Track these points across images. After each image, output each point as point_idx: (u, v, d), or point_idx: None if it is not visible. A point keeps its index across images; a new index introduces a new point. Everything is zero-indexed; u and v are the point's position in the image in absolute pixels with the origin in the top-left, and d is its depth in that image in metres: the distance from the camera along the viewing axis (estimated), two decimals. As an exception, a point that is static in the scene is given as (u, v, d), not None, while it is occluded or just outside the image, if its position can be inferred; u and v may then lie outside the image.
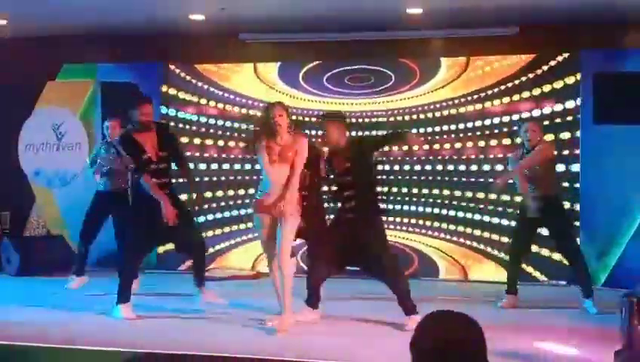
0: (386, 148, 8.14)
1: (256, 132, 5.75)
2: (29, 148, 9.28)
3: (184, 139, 9.11)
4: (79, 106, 9.25)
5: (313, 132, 8.27)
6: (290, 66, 9.05)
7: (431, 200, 8.58)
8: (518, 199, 7.68)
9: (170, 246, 7.02)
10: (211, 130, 9.14)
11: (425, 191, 8.62)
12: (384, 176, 8.68)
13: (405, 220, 8.67)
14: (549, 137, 7.79)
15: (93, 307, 6.37)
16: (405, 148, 8.55)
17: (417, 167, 8.67)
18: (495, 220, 8.35)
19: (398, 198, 8.66)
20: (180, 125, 9.13)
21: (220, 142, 9.11)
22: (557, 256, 7.92)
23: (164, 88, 9.17)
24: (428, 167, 8.63)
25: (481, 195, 8.37)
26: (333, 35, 8.78)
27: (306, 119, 8.76)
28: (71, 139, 9.14)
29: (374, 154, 6.21)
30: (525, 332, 5.52)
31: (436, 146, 8.59)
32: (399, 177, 8.70)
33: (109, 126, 7.58)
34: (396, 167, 8.72)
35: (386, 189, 8.51)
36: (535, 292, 7.32)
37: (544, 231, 6.89)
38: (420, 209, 8.61)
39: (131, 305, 5.98)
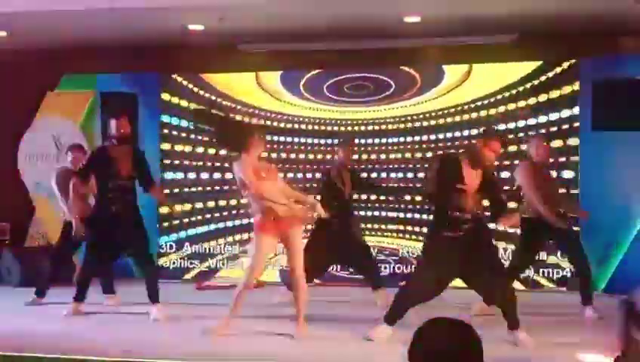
0: None
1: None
2: (29, 159, 9.30)
3: (179, 147, 9.19)
4: (79, 117, 9.28)
5: (320, 141, 8.37)
6: (292, 75, 9.10)
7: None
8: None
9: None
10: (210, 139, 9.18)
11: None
12: (388, 184, 8.74)
13: (409, 228, 8.71)
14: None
15: (92, 316, 6.42)
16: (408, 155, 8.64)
17: (410, 175, 8.73)
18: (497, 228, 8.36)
19: (402, 206, 8.71)
20: (183, 134, 9.20)
21: (223, 151, 9.15)
22: (555, 262, 7.99)
23: (164, 96, 9.23)
24: (421, 175, 8.68)
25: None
26: (332, 45, 8.81)
27: (309, 127, 8.86)
28: (71, 150, 9.14)
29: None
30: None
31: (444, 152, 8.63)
32: (401, 185, 8.74)
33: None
34: (400, 175, 8.77)
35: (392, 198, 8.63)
36: (535, 299, 7.33)
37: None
38: (423, 216, 8.62)
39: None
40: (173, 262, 9.17)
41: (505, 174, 8.32)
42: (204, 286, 8.45)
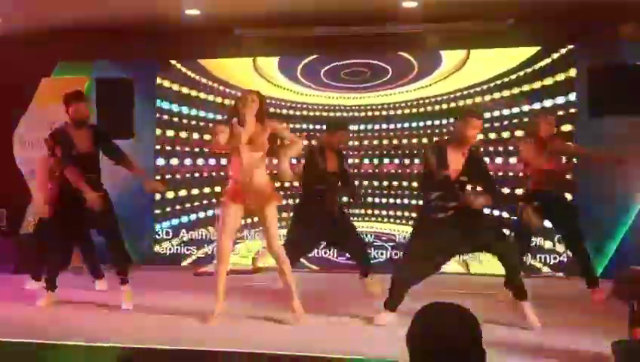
0: None
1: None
2: (24, 146, 9.25)
3: (178, 133, 9.17)
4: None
5: (316, 127, 8.37)
6: (289, 60, 9.06)
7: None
8: (518, 192, 7.70)
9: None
10: (208, 125, 9.17)
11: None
12: (392, 170, 8.74)
13: (406, 213, 8.70)
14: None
15: (88, 302, 6.43)
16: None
17: (407, 161, 8.73)
18: (496, 213, 8.36)
19: (399, 192, 8.70)
20: (180, 120, 9.18)
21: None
22: (555, 248, 7.99)
23: (160, 82, 9.20)
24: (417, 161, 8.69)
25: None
26: (329, 30, 8.76)
27: (304, 113, 8.85)
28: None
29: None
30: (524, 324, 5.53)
31: (435, 140, 8.63)
32: (399, 171, 8.74)
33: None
34: (396, 161, 8.76)
35: (395, 184, 8.61)
36: (534, 284, 7.33)
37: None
38: (419, 202, 8.60)
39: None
40: (170, 249, 9.17)
41: (499, 160, 8.36)
42: (201, 272, 8.44)
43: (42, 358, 4.75)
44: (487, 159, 8.32)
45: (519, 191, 7.85)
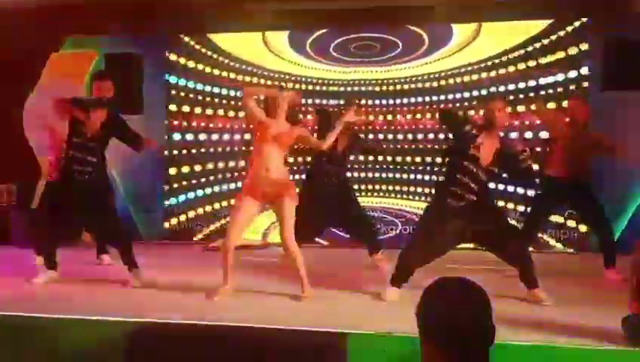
0: None
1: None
2: (34, 121, 9.24)
3: (186, 108, 9.16)
4: (83, 78, 9.20)
5: (325, 102, 8.33)
6: (299, 34, 9.01)
7: (438, 168, 8.56)
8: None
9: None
10: (217, 100, 9.15)
11: (428, 159, 8.64)
12: (398, 146, 8.70)
13: (419, 189, 8.68)
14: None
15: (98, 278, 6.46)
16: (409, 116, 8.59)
17: (420, 136, 8.68)
18: (506, 188, 8.32)
19: (406, 167, 8.67)
20: (190, 95, 9.16)
21: (231, 113, 9.13)
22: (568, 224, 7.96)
23: (171, 57, 9.18)
24: (431, 136, 8.64)
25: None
26: (338, 3, 8.68)
27: (317, 88, 8.80)
28: (76, 111, 9.06)
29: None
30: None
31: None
32: (405, 146, 8.71)
33: None
34: (399, 136, 8.71)
35: (399, 159, 8.58)
36: (545, 260, 7.31)
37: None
38: (428, 177, 8.58)
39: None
40: (180, 224, 9.18)
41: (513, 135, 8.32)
42: (212, 247, 8.45)
43: (49, 333, 4.77)
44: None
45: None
